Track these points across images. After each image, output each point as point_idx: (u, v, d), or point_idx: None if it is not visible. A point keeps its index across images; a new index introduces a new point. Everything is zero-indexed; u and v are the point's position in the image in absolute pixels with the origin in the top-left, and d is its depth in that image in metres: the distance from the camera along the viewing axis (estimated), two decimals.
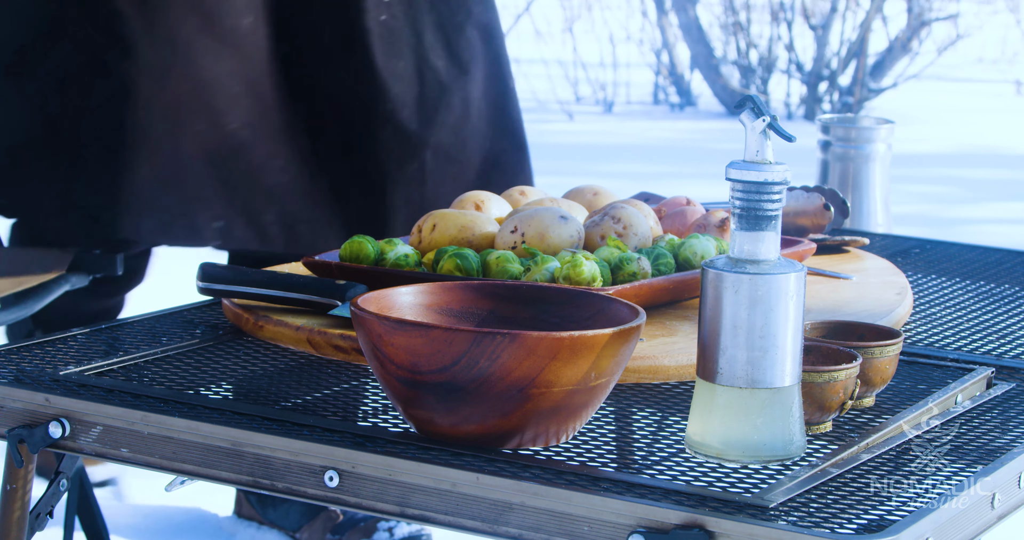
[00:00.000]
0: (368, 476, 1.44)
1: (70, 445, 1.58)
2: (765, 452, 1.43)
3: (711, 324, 1.43)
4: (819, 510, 1.35)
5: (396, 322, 1.43)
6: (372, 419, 1.56)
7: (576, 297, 1.57)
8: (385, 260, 1.89)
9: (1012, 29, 11.91)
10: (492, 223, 1.97)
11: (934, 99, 9.65)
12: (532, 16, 10.55)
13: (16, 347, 1.75)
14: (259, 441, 1.48)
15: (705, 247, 1.93)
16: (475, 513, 1.40)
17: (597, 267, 1.82)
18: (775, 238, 1.43)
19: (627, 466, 1.45)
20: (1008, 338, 1.92)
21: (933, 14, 9.10)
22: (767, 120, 1.42)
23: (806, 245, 2.05)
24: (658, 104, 9.57)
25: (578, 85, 9.67)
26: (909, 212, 5.95)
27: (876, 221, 2.56)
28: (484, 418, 1.43)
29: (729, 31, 9.33)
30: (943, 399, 1.64)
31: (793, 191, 2.26)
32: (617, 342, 1.43)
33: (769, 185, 1.42)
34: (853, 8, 9.19)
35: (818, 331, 1.65)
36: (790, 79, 9.26)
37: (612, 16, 10.62)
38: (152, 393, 1.60)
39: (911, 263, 2.31)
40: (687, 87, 9.52)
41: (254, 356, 1.76)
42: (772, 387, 1.43)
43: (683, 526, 1.32)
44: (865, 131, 2.56)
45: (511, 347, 1.39)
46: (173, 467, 1.53)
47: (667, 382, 1.69)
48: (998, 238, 5.44)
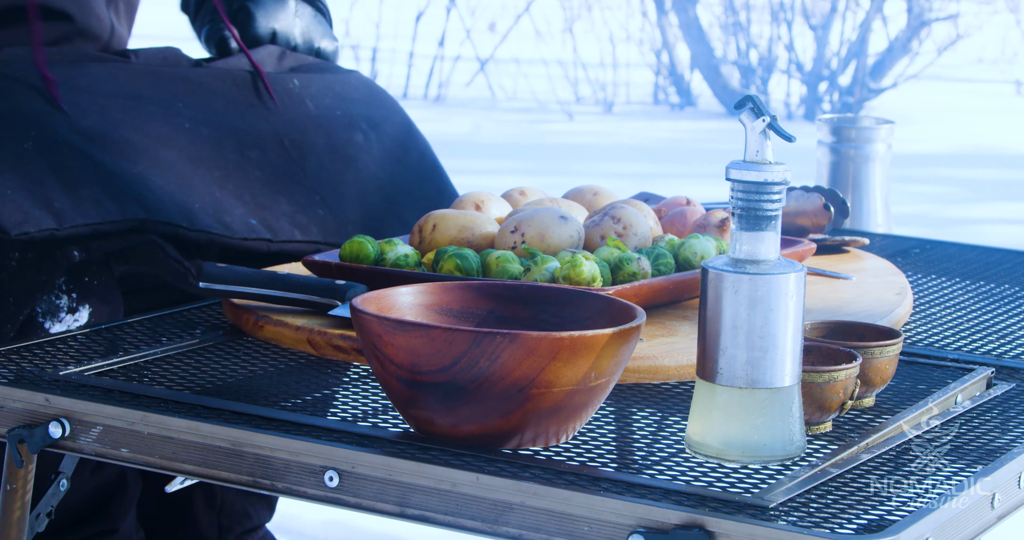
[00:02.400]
0: (368, 476, 1.44)
1: (70, 445, 1.58)
2: (765, 452, 1.43)
3: (711, 324, 1.43)
4: (819, 510, 1.35)
5: (396, 322, 1.43)
6: (372, 419, 1.56)
7: (576, 297, 1.57)
8: (385, 260, 1.89)
9: (1012, 29, 11.91)
10: (492, 223, 1.97)
11: (934, 99, 9.65)
12: (532, 16, 10.56)
13: (16, 347, 1.75)
14: (259, 441, 1.48)
15: (705, 247, 1.93)
16: (475, 513, 1.40)
17: (597, 267, 1.82)
18: (775, 238, 1.43)
19: (627, 466, 1.45)
20: (1008, 338, 1.92)
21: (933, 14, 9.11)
22: (767, 120, 1.42)
23: (806, 245, 2.05)
24: (658, 104, 9.57)
25: (578, 85, 9.68)
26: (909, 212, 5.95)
27: (876, 221, 2.56)
28: (484, 418, 1.43)
29: (729, 31, 9.34)
30: (943, 399, 1.64)
31: (793, 191, 2.26)
32: (617, 342, 1.43)
33: (769, 185, 1.42)
34: (853, 8, 9.19)
35: (818, 331, 1.65)
36: (790, 79, 9.26)
37: (612, 16, 10.62)
38: (152, 393, 1.60)
39: (911, 263, 2.31)
40: (687, 87, 9.52)
41: (254, 356, 1.76)
42: (772, 387, 1.43)
43: (683, 526, 1.32)
44: (865, 131, 2.56)
45: (511, 347, 1.39)
46: (173, 467, 1.53)
47: (667, 382, 1.69)
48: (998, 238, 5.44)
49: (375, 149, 2.32)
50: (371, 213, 2.27)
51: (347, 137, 2.30)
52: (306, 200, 2.21)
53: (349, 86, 2.37)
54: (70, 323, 2.04)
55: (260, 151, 2.21)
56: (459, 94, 9.66)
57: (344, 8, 10.44)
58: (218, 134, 2.18)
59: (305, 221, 2.18)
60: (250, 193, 2.16)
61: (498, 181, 5.98)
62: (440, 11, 10.26)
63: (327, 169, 2.25)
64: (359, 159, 2.30)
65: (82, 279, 2.06)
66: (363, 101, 2.37)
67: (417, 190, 2.35)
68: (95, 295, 2.06)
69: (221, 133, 2.18)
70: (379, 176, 2.30)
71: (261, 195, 2.17)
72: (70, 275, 2.04)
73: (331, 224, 2.21)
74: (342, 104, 2.33)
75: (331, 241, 2.19)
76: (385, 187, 2.31)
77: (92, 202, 2.03)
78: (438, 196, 2.37)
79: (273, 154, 2.22)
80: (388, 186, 2.32)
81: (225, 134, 2.19)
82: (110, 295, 2.08)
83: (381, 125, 2.36)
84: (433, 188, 2.38)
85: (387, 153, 2.34)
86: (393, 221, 2.29)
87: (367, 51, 10.13)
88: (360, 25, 10.37)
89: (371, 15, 10.44)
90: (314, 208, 2.21)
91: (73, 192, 2.02)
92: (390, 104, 2.42)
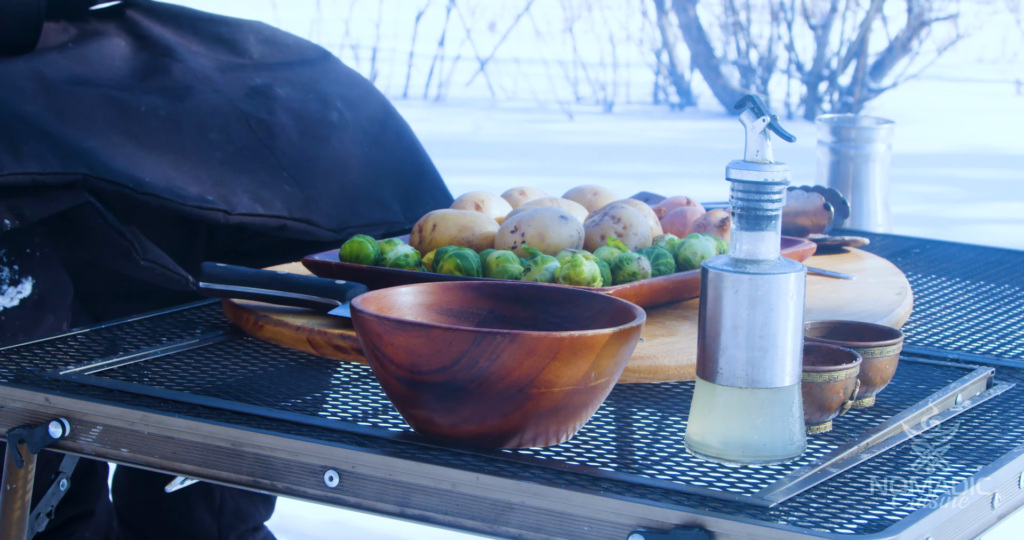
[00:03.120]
0: (368, 476, 1.44)
1: (70, 445, 1.58)
2: (765, 452, 1.43)
3: (711, 324, 1.43)
4: (819, 510, 1.35)
5: (396, 322, 1.43)
6: (372, 419, 1.56)
7: (576, 297, 1.57)
8: (385, 260, 1.90)
9: (1012, 29, 11.91)
10: (492, 223, 1.97)
11: (934, 99, 9.65)
12: (532, 16, 10.56)
13: (16, 347, 1.75)
14: (259, 441, 1.48)
15: (705, 247, 1.93)
16: (475, 513, 1.40)
17: (597, 267, 1.82)
18: (775, 238, 1.43)
19: (627, 466, 1.45)
20: (1008, 338, 1.92)
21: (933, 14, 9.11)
22: (767, 120, 1.42)
23: (806, 245, 2.05)
24: (658, 104, 9.57)
25: (578, 85, 9.68)
26: (909, 212, 5.95)
27: (876, 221, 2.56)
28: (484, 418, 1.43)
29: (729, 31, 9.34)
30: (943, 399, 1.64)
31: (793, 191, 2.26)
32: (617, 342, 1.43)
33: (769, 185, 1.42)
34: (853, 8, 9.19)
35: (818, 331, 1.65)
36: (790, 79, 9.26)
37: (612, 16, 10.63)
38: (152, 393, 1.60)
39: (911, 263, 2.31)
40: (687, 87, 9.52)
41: (254, 356, 1.76)
42: (772, 387, 1.43)
43: (683, 526, 1.32)
44: (865, 131, 2.56)
45: (511, 347, 1.39)
46: (173, 467, 1.53)
47: (667, 382, 1.69)
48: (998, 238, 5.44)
49: (350, 128, 2.32)
50: (347, 191, 2.27)
51: (320, 116, 2.30)
52: (270, 177, 2.20)
53: (327, 71, 2.38)
54: (13, 296, 2.03)
55: (224, 133, 2.20)
56: (459, 94, 9.67)
57: (344, 8, 10.45)
58: (176, 116, 2.17)
59: (268, 196, 2.17)
60: (208, 173, 2.15)
61: (498, 181, 5.98)
62: (440, 11, 10.26)
63: (296, 146, 2.24)
64: (332, 137, 2.29)
65: (23, 251, 2.03)
66: (341, 82, 2.38)
67: (396, 169, 2.35)
68: (37, 266, 2.04)
69: (180, 115, 2.18)
70: (355, 154, 2.30)
71: (221, 174, 2.16)
72: (10, 247, 2.02)
73: (298, 199, 2.20)
74: (316, 86, 2.34)
75: (296, 216, 2.17)
76: (362, 166, 2.31)
77: (34, 157, 2.01)
78: (417, 176, 2.37)
79: (238, 135, 2.21)
80: (365, 165, 2.32)
81: (184, 117, 2.18)
82: (52, 266, 2.06)
83: (358, 105, 2.37)
84: (412, 167, 2.38)
85: (364, 132, 2.34)
86: (371, 201, 2.28)
87: (367, 51, 10.13)
88: (360, 25, 10.38)
89: (371, 15, 10.44)
90: (280, 184, 2.20)
91: (15, 149, 2.01)
92: (367, 85, 2.43)
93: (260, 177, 2.18)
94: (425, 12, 9.81)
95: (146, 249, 2.07)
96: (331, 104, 2.32)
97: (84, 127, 2.09)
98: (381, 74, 9.76)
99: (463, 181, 5.26)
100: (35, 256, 2.04)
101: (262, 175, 2.19)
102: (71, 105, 2.10)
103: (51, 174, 2.00)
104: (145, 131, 2.13)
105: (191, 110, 2.19)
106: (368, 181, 2.31)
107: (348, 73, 2.42)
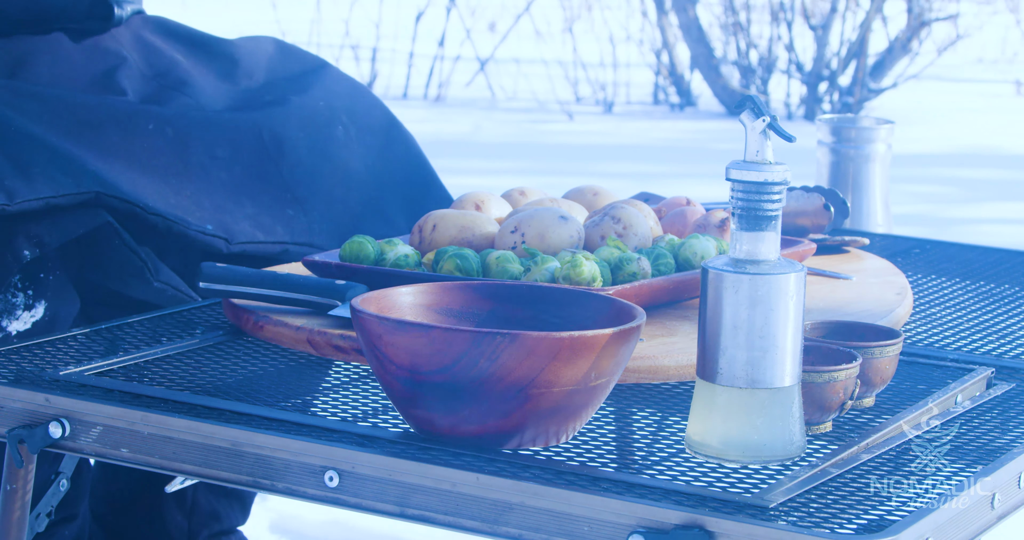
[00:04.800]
0: (368, 476, 1.44)
1: (70, 445, 1.58)
2: (765, 452, 1.43)
3: (711, 324, 1.43)
4: (819, 510, 1.35)
5: (396, 322, 1.43)
6: (372, 419, 1.56)
7: (576, 297, 1.57)
8: (385, 260, 1.90)
9: (1012, 29, 11.91)
10: (492, 223, 1.97)
11: (934, 99, 9.65)
12: (532, 16, 10.56)
13: (16, 347, 1.75)
14: (259, 441, 1.49)
15: (705, 247, 1.93)
16: (475, 513, 1.40)
17: (597, 267, 1.82)
18: (775, 238, 1.43)
19: (627, 466, 1.45)
20: (1008, 338, 1.92)
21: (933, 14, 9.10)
22: (767, 120, 1.42)
23: (806, 245, 2.05)
24: (658, 104, 9.57)
25: (578, 85, 9.67)
26: (909, 212, 5.94)
27: (876, 221, 2.56)
28: (484, 418, 1.43)
29: (729, 31, 9.33)
30: (943, 399, 1.64)
31: (793, 191, 2.26)
32: (617, 342, 1.43)
33: (769, 185, 1.42)
34: (853, 8, 9.19)
35: (818, 331, 1.65)
36: (790, 79, 9.26)
37: (612, 16, 10.62)
38: (152, 393, 1.60)
39: (911, 263, 2.31)
40: (687, 87, 9.52)
41: (254, 356, 1.76)
42: (772, 387, 1.43)
43: (683, 526, 1.32)
44: (865, 131, 2.56)
45: (511, 347, 1.39)
46: (173, 467, 1.53)
47: (667, 382, 1.69)
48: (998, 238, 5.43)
49: (355, 144, 2.32)
50: (351, 208, 2.27)
51: (327, 132, 2.30)
52: (273, 200, 2.20)
53: (331, 80, 2.38)
54: (27, 320, 2.03)
55: (233, 149, 2.20)
56: (459, 94, 9.66)
57: (344, 8, 10.45)
58: (184, 134, 2.17)
59: (270, 222, 2.17)
60: (210, 199, 2.15)
61: (498, 181, 5.98)
62: (440, 11, 10.26)
63: (304, 164, 2.25)
64: (338, 155, 2.29)
65: (37, 276, 2.04)
66: (345, 94, 2.38)
67: (403, 182, 2.35)
68: (50, 290, 2.05)
69: (189, 132, 2.18)
70: (359, 171, 2.30)
71: (223, 200, 2.16)
72: (25, 273, 2.03)
73: (300, 223, 2.20)
74: (325, 96, 2.33)
75: (299, 241, 2.18)
76: (366, 183, 2.31)
77: (45, 178, 2.01)
78: (424, 189, 2.37)
79: (247, 151, 2.21)
80: (369, 181, 2.32)
81: (194, 132, 2.18)
82: (64, 289, 2.06)
83: (362, 117, 2.36)
84: (419, 181, 2.37)
85: (368, 147, 2.34)
86: (376, 217, 2.28)
87: (367, 51, 10.13)
88: (360, 25, 10.38)
89: (371, 15, 10.44)
90: (283, 207, 2.20)
91: (24, 171, 2.01)
92: (369, 95, 2.42)
93: (262, 201, 2.18)
94: (425, 12, 9.81)
95: (159, 270, 2.08)
96: (337, 117, 2.33)
97: (92, 146, 2.09)
98: (381, 74, 9.75)
99: (463, 181, 5.27)
100: (48, 280, 2.05)
101: (265, 198, 2.19)
102: (78, 124, 2.10)
103: (65, 195, 2.01)
104: (150, 153, 2.14)
105: (200, 126, 2.19)
106: (372, 196, 2.31)
107: (349, 82, 2.42)
